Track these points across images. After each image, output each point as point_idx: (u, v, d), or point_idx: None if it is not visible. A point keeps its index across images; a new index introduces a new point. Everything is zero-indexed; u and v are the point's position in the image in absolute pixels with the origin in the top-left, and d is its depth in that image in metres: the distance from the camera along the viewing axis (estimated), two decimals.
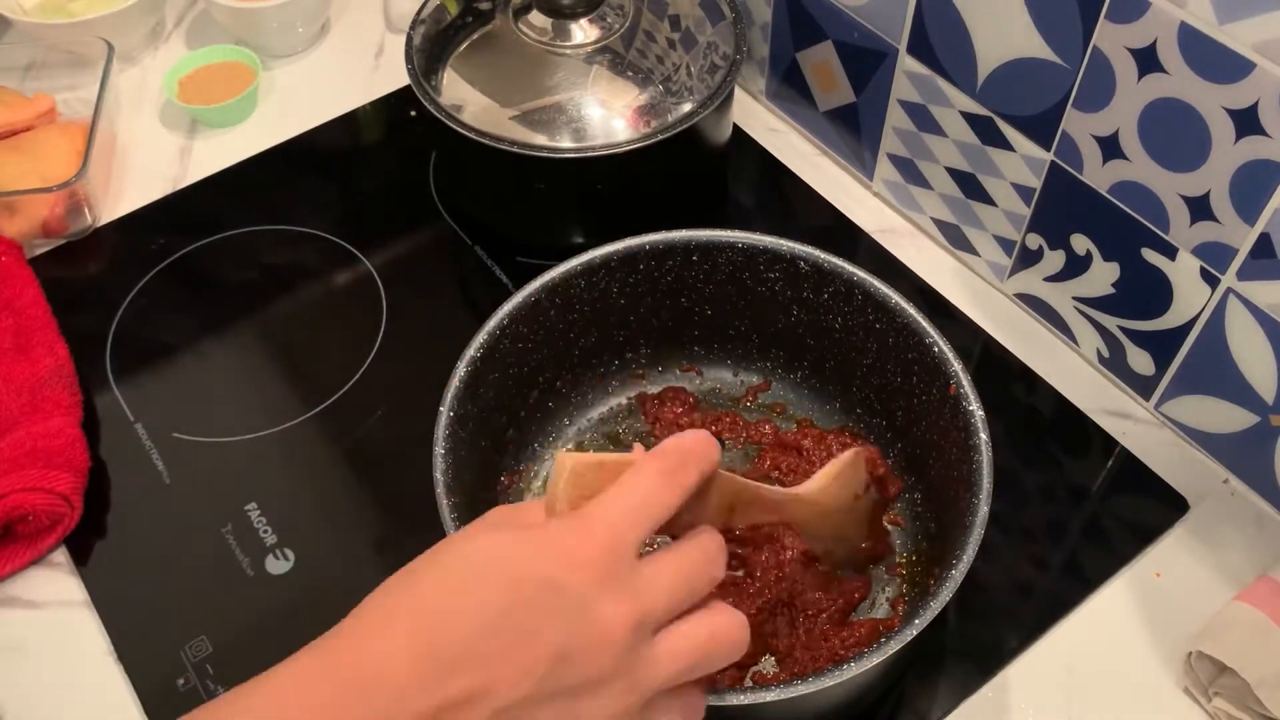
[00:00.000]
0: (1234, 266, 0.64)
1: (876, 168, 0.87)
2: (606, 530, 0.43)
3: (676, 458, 0.46)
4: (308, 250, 0.86)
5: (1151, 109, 0.64)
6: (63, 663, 0.66)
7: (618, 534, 0.43)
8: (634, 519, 0.44)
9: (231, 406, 0.77)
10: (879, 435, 0.70)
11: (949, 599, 0.52)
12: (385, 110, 0.96)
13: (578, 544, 0.43)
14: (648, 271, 0.68)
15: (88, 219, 0.86)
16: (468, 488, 0.60)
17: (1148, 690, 0.64)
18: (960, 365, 0.61)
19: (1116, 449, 0.73)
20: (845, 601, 0.62)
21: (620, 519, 0.44)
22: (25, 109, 0.88)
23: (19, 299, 0.78)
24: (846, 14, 0.81)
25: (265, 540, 0.70)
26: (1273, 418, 0.67)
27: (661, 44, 0.81)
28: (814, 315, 0.68)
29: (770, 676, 0.61)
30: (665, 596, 0.44)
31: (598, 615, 0.42)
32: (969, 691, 0.64)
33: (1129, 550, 0.69)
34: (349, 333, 0.81)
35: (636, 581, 0.43)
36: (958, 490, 0.59)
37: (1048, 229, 0.75)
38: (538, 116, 0.77)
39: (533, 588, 0.42)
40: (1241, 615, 0.62)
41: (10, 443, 0.70)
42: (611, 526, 0.43)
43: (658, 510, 0.45)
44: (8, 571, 0.68)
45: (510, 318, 0.64)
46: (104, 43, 0.90)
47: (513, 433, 0.69)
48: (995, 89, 0.73)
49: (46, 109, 0.89)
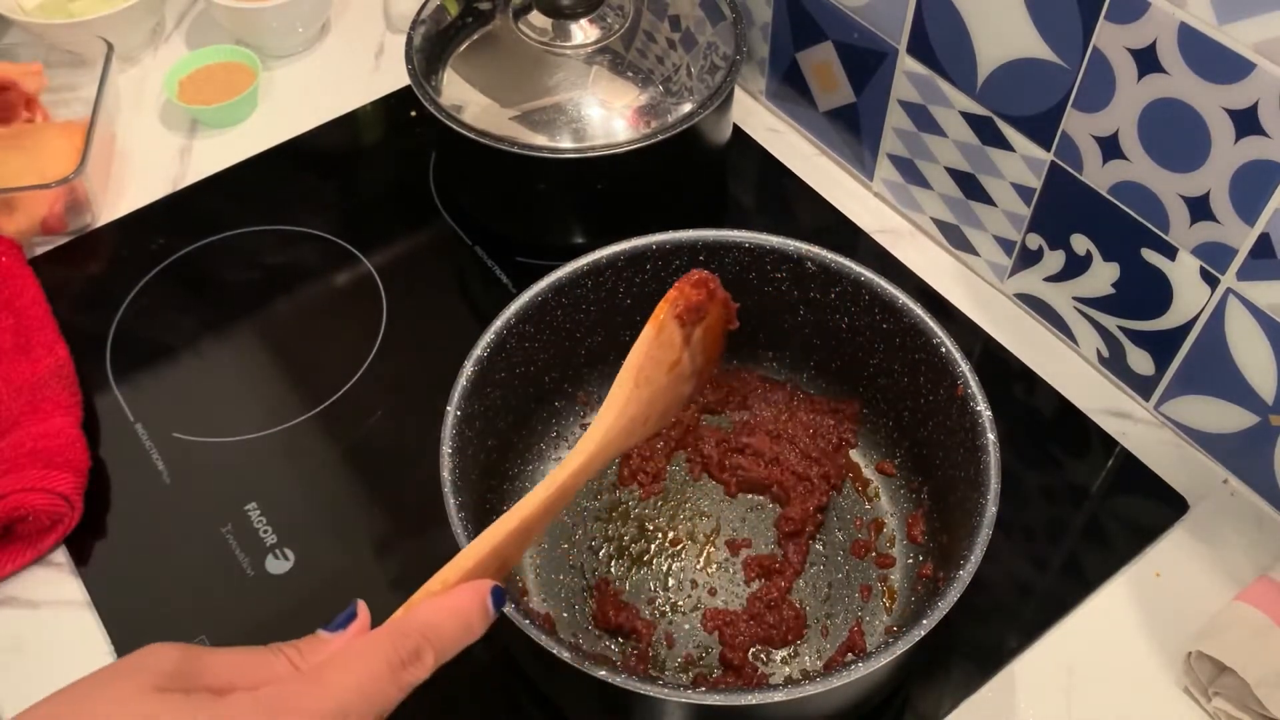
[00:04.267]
0: (1234, 266, 0.65)
1: (876, 168, 0.87)
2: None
3: (411, 642, 0.41)
4: (308, 250, 0.86)
5: (1151, 109, 0.64)
6: (63, 663, 0.66)
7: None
8: (339, 715, 0.39)
9: (231, 406, 0.77)
10: (885, 435, 0.70)
11: (956, 600, 0.52)
12: (385, 110, 0.96)
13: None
14: (655, 271, 0.68)
15: (87, 216, 0.86)
16: (474, 487, 0.60)
17: (1148, 690, 0.64)
18: (968, 366, 0.61)
19: (1116, 449, 0.73)
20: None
21: (324, 711, 0.38)
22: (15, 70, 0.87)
23: (19, 299, 0.78)
24: (846, 14, 0.81)
25: (265, 540, 0.70)
26: (1272, 418, 0.67)
27: (661, 44, 0.81)
28: (820, 315, 0.68)
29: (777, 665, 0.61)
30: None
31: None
32: (969, 691, 0.64)
33: (1129, 550, 0.69)
34: (349, 333, 0.81)
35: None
36: (964, 491, 0.59)
37: (1048, 229, 0.75)
38: (538, 116, 0.77)
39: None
40: (1241, 615, 0.63)
41: (10, 443, 0.70)
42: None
43: (372, 707, 0.40)
44: (8, 571, 0.68)
45: (517, 317, 0.64)
46: (104, 43, 0.90)
47: (519, 433, 0.69)
48: (995, 89, 0.73)
49: (36, 70, 0.88)
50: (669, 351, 0.56)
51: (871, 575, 0.66)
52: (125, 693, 0.38)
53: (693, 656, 0.63)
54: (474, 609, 0.44)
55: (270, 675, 0.40)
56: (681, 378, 0.58)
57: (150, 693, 0.38)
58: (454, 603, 0.44)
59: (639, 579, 0.67)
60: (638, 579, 0.67)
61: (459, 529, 0.55)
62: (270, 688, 0.39)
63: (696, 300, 0.56)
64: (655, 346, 0.55)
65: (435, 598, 0.44)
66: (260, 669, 0.40)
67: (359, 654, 0.41)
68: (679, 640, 0.64)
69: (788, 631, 0.63)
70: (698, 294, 0.56)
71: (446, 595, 0.44)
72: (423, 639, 0.42)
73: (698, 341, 0.58)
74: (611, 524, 0.69)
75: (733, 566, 0.67)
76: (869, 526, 0.68)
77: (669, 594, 0.66)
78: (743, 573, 0.67)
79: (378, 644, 0.41)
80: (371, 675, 0.40)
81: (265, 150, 0.93)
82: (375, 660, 0.40)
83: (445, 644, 0.43)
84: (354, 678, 0.40)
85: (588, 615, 0.65)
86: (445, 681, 0.45)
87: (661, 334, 0.55)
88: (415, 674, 0.41)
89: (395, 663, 0.41)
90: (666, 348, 0.56)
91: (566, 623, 0.65)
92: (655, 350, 0.55)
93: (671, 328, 0.56)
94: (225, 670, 0.40)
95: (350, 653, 0.41)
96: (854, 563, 0.67)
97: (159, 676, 0.38)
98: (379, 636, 0.42)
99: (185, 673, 0.39)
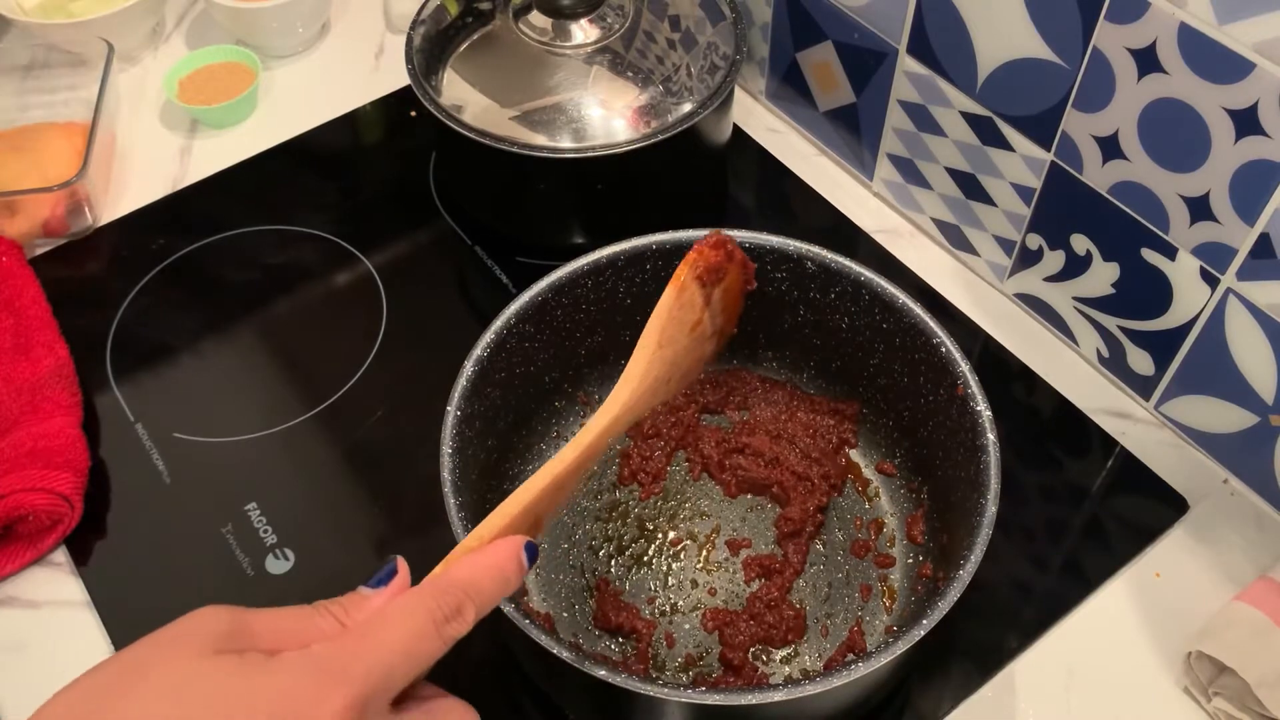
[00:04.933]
0: (1234, 266, 0.65)
1: (876, 168, 0.87)
2: (354, 686, 0.38)
3: (453, 598, 0.42)
4: (308, 250, 0.86)
5: (1151, 109, 0.64)
6: (63, 663, 0.66)
7: (366, 690, 0.38)
8: (387, 673, 0.39)
9: (231, 406, 0.77)
10: (885, 435, 0.70)
11: (956, 599, 0.52)
12: (385, 110, 0.96)
13: (318, 697, 0.37)
14: (655, 271, 0.68)
15: (88, 219, 0.86)
16: (474, 487, 0.60)
17: (1148, 690, 0.64)
18: (968, 365, 0.61)
19: (1116, 449, 0.73)
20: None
21: (372, 668, 0.39)
22: None
23: (19, 299, 0.78)
24: (846, 14, 0.81)
25: (265, 540, 0.70)
26: (1272, 418, 0.67)
27: (661, 44, 0.81)
28: (821, 315, 0.68)
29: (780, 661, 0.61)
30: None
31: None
32: (969, 691, 0.64)
33: (1129, 550, 0.69)
34: (349, 333, 0.81)
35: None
36: (964, 491, 0.59)
37: (1048, 229, 0.75)
38: (538, 116, 0.77)
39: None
40: (1241, 615, 0.62)
41: (10, 443, 0.70)
42: (361, 679, 0.38)
43: (418, 664, 0.41)
44: (8, 571, 0.68)
45: (517, 317, 0.64)
46: (104, 43, 0.90)
47: (519, 432, 0.69)
48: (995, 89, 0.73)
49: None
50: (690, 312, 0.58)
51: (871, 575, 0.66)
52: (183, 657, 0.38)
53: (693, 656, 0.63)
54: (510, 563, 0.45)
55: (317, 633, 0.41)
56: (703, 337, 0.60)
57: (208, 656, 0.38)
58: (491, 559, 0.45)
59: (639, 579, 0.67)
60: (638, 579, 0.67)
61: (459, 529, 0.55)
62: (320, 646, 0.40)
63: (715, 261, 0.58)
64: (677, 307, 0.56)
65: (472, 555, 0.45)
66: (307, 628, 0.41)
67: (403, 611, 0.41)
68: (679, 640, 0.64)
69: (788, 631, 0.63)
70: (716, 254, 0.58)
71: (483, 552, 0.45)
72: (463, 594, 0.43)
73: (717, 302, 0.59)
74: (611, 524, 0.69)
75: (733, 566, 0.67)
76: (869, 526, 0.68)
77: (669, 594, 0.66)
78: (743, 573, 0.67)
79: (421, 601, 0.42)
80: (416, 632, 0.41)
81: (265, 150, 0.93)
82: (419, 617, 0.41)
83: (484, 598, 0.43)
84: (400, 634, 0.40)
85: (588, 615, 0.65)
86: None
87: (683, 294, 0.56)
88: (457, 629, 0.42)
89: (439, 618, 0.41)
90: (688, 308, 0.57)
91: (566, 623, 0.65)
92: (677, 311, 0.56)
93: (692, 288, 0.57)
94: (274, 630, 0.41)
95: (394, 610, 0.41)
96: (854, 563, 0.67)
97: (214, 638, 0.39)
98: (421, 594, 0.42)
99: (237, 633, 0.40)
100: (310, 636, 0.41)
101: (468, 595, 0.43)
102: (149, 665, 0.38)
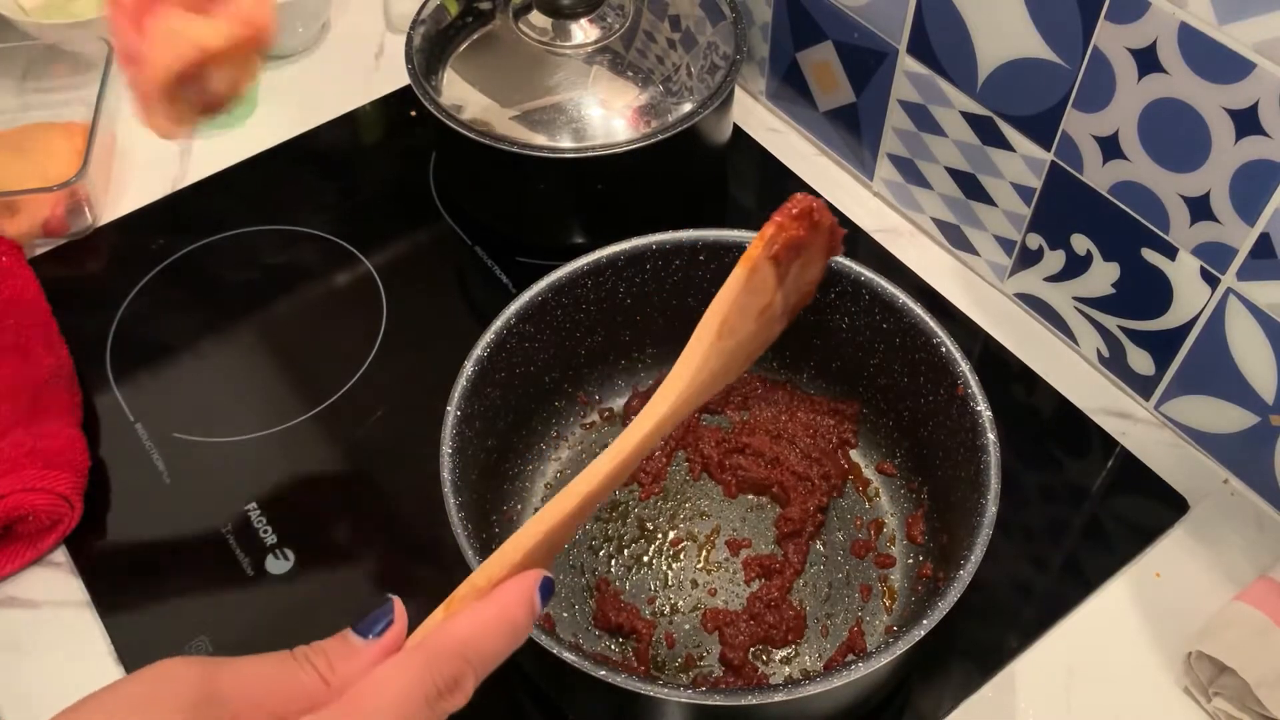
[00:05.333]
0: (1234, 266, 0.64)
1: (876, 168, 0.87)
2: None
3: (451, 668, 0.38)
4: (308, 250, 0.86)
5: (1151, 109, 0.64)
6: (62, 663, 0.66)
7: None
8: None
9: (231, 406, 0.77)
10: (885, 435, 0.70)
11: (956, 600, 0.52)
12: (385, 110, 0.96)
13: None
14: (654, 271, 0.68)
15: (88, 219, 0.86)
16: (474, 487, 0.60)
17: (1148, 690, 0.64)
18: (968, 365, 0.61)
19: (1116, 449, 0.73)
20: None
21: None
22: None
23: (19, 299, 0.78)
24: (846, 14, 0.81)
25: (265, 540, 0.70)
26: (1273, 418, 0.67)
27: (661, 44, 0.81)
28: (820, 315, 0.68)
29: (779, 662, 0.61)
30: None
31: None
32: (969, 691, 0.64)
33: (1129, 550, 0.69)
34: (349, 333, 0.81)
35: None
36: (964, 491, 0.59)
37: (1048, 229, 0.75)
38: (538, 116, 0.77)
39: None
40: (1241, 615, 0.62)
41: (10, 443, 0.70)
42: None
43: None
44: (8, 571, 0.68)
45: (517, 317, 0.64)
46: (104, 43, 0.90)
47: (519, 432, 0.69)
48: (995, 89, 0.73)
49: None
50: (760, 296, 0.49)
51: (871, 575, 0.66)
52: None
53: (693, 657, 0.63)
54: (519, 609, 0.40)
55: (298, 691, 0.38)
56: (772, 319, 0.52)
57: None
58: (496, 609, 0.40)
59: (639, 579, 0.67)
60: (638, 579, 0.67)
61: (459, 529, 0.55)
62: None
63: (798, 237, 0.49)
64: (745, 293, 0.48)
65: (476, 607, 0.40)
66: (287, 685, 0.38)
67: (394, 684, 0.37)
68: (679, 640, 0.64)
69: (788, 631, 0.63)
70: (799, 228, 0.49)
71: (489, 602, 0.40)
72: (463, 662, 0.38)
73: (794, 279, 0.51)
74: (611, 524, 0.69)
75: (733, 566, 0.67)
76: (869, 526, 0.68)
77: (669, 594, 0.66)
78: (743, 573, 0.67)
79: (414, 672, 0.38)
80: (405, 709, 0.37)
81: (265, 150, 0.92)
82: (412, 692, 0.37)
83: (487, 660, 0.39)
84: (388, 709, 0.37)
85: (588, 615, 0.65)
86: None
87: (754, 277, 0.48)
88: (454, 702, 0.38)
89: (433, 694, 0.37)
90: (758, 292, 0.49)
91: (566, 623, 0.65)
92: (744, 297, 0.48)
93: (766, 269, 0.49)
94: (250, 688, 0.37)
95: (384, 681, 0.37)
96: (854, 563, 0.67)
97: (180, 708, 0.35)
98: (415, 661, 0.38)
99: (209, 698, 0.36)
100: (289, 695, 0.37)
101: (468, 661, 0.38)
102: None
